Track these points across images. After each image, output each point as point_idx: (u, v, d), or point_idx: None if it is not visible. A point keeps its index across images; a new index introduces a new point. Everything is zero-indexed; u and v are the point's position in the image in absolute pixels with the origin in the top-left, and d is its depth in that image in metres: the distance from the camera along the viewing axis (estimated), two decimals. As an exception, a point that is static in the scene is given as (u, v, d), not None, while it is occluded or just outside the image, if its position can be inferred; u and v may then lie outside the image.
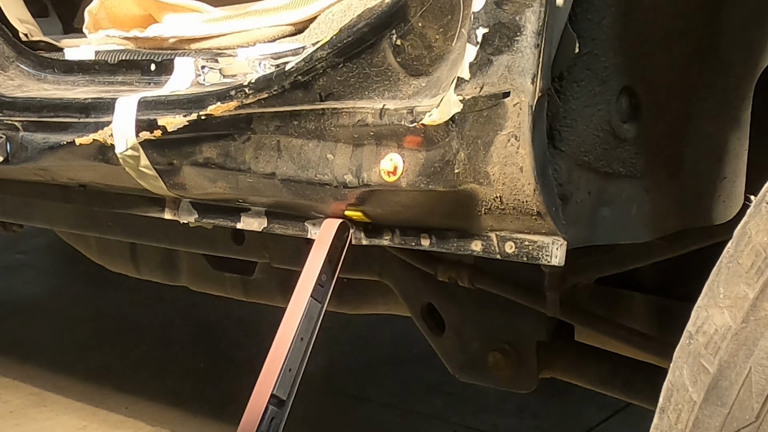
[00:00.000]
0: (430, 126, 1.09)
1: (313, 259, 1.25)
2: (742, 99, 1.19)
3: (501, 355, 1.62)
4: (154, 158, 1.38)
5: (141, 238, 1.95)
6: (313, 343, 1.22)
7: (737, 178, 1.22)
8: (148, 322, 3.29)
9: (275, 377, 1.17)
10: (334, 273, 1.26)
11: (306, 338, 1.21)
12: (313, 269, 1.24)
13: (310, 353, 1.21)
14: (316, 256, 1.25)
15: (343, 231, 1.25)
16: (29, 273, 3.85)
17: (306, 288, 1.23)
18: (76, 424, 2.49)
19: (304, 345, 1.21)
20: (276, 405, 1.17)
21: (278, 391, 1.17)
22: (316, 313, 1.23)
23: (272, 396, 1.17)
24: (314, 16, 1.46)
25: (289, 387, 1.18)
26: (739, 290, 0.91)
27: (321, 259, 1.24)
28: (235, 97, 1.27)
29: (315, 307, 1.23)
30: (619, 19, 1.08)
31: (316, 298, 1.23)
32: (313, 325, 1.23)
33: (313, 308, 1.23)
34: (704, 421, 0.92)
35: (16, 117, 1.55)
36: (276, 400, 1.17)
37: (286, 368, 1.18)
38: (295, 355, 1.19)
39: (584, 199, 1.11)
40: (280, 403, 1.18)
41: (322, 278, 1.24)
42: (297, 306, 1.22)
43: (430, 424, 2.52)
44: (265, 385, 1.18)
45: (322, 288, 1.24)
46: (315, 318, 1.23)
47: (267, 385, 1.17)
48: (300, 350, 1.20)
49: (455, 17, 1.10)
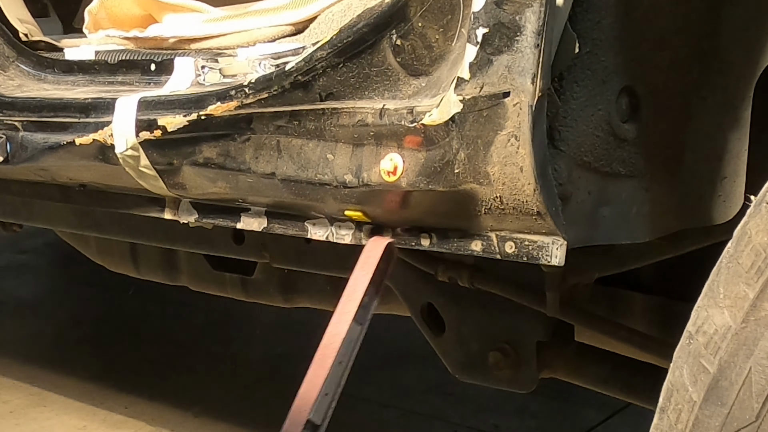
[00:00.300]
0: (430, 126, 1.09)
1: (357, 281, 1.19)
2: (742, 99, 1.19)
3: (501, 355, 1.62)
4: (154, 158, 1.38)
5: (141, 238, 1.95)
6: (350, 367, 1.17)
7: (737, 178, 1.22)
8: (148, 322, 3.29)
9: (312, 402, 1.13)
10: (376, 294, 1.20)
11: (344, 362, 1.16)
12: (357, 291, 1.18)
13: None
14: (360, 278, 1.19)
15: (389, 252, 1.20)
16: (29, 273, 3.85)
17: (348, 311, 1.17)
18: (76, 424, 2.49)
19: (342, 369, 1.16)
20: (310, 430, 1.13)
21: (314, 417, 1.13)
22: (356, 337, 1.18)
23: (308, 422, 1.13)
24: (314, 16, 1.46)
25: (324, 412, 1.14)
26: (739, 290, 0.91)
27: (366, 282, 1.18)
28: (235, 97, 1.27)
29: (355, 331, 1.17)
30: (619, 18, 1.08)
31: (358, 321, 1.17)
32: (352, 348, 1.17)
33: (354, 331, 1.17)
34: (704, 421, 0.92)
35: (16, 117, 1.55)
36: (311, 425, 1.13)
37: (323, 393, 1.14)
38: (333, 380, 1.15)
39: (584, 199, 1.11)
40: (314, 427, 1.13)
41: (364, 301, 1.18)
42: (338, 329, 1.16)
43: (430, 424, 2.52)
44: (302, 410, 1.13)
45: (364, 311, 1.18)
46: (355, 341, 1.17)
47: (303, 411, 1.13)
48: (338, 375, 1.15)
49: (455, 17, 1.10)
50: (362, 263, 1.20)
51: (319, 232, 1.32)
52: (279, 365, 2.78)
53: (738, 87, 1.19)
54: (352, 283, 1.19)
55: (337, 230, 1.30)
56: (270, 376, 2.74)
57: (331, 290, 1.88)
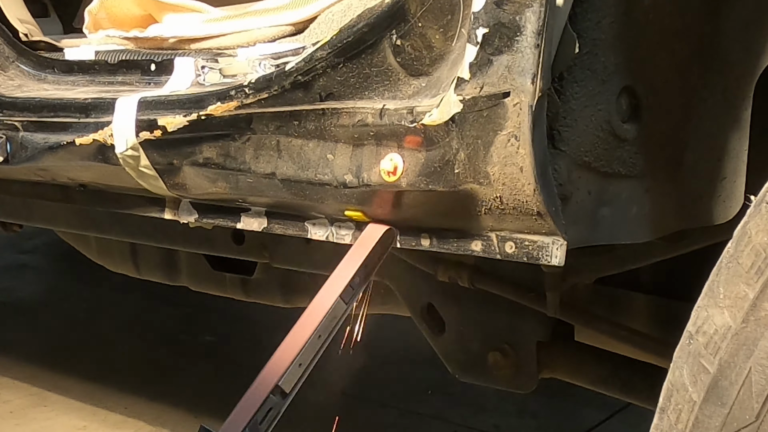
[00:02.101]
0: (430, 126, 1.09)
1: (350, 260, 1.21)
2: (742, 99, 1.19)
3: (501, 355, 1.62)
4: (154, 158, 1.38)
5: (141, 238, 1.96)
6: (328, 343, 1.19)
7: (737, 178, 1.22)
8: (148, 322, 3.29)
9: (284, 368, 1.14)
10: (367, 278, 1.22)
11: (324, 336, 1.18)
12: (348, 270, 1.20)
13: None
14: (354, 258, 1.21)
15: (387, 237, 1.22)
16: (29, 273, 3.85)
17: (336, 287, 1.19)
18: (76, 424, 2.49)
19: (320, 342, 1.17)
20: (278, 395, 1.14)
21: (283, 383, 1.14)
22: (339, 314, 1.19)
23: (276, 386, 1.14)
24: (314, 16, 1.46)
25: (295, 381, 1.15)
26: (739, 290, 0.91)
27: (358, 262, 1.20)
28: (235, 97, 1.27)
29: (340, 308, 1.19)
30: (619, 19, 1.08)
31: (344, 299, 1.19)
32: (334, 325, 1.19)
33: (338, 308, 1.19)
34: (704, 421, 0.92)
35: (16, 117, 1.54)
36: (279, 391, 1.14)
37: (297, 362, 1.15)
38: (309, 351, 1.16)
39: (584, 199, 1.11)
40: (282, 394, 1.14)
41: (354, 280, 1.20)
42: (322, 302, 1.19)
43: (430, 425, 2.52)
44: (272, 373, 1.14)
45: (351, 290, 1.20)
46: (337, 318, 1.19)
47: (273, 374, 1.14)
48: (315, 347, 1.17)
49: (455, 17, 1.10)
50: (359, 244, 1.22)
51: (319, 232, 1.32)
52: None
53: (738, 87, 1.19)
54: (345, 261, 1.21)
55: (337, 230, 1.30)
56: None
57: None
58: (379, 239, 1.21)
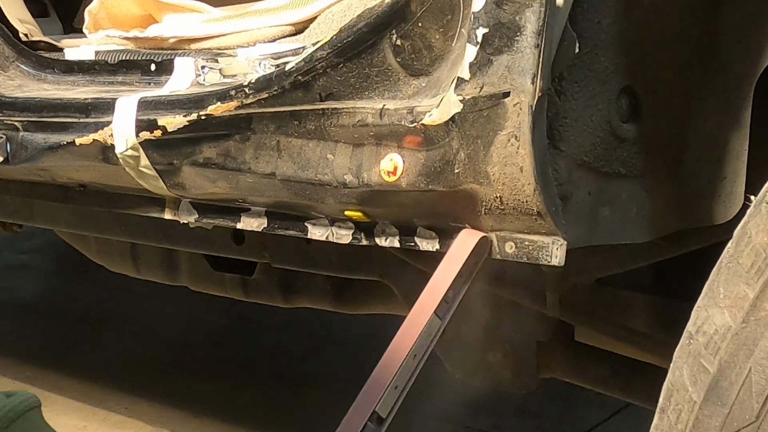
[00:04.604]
0: (430, 126, 1.09)
1: (443, 273, 1.14)
2: (742, 99, 1.19)
3: (501, 355, 1.62)
4: (154, 158, 1.38)
5: (141, 238, 1.95)
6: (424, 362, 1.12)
7: (737, 178, 1.22)
8: (148, 322, 3.29)
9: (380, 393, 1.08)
10: (462, 290, 1.15)
11: (419, 356, 1.12)
12: (442, 284, 1.13)
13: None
14: (448, 270, 1.13)
15: (482, 245, 1.14)
16: (29, 273, 3.85)
17: (430, 303, 1.12)
18: (76, 424, 2.49)
19: (416, 363, 1.12)
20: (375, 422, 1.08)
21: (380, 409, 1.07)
22: (434, 331, 1.12)
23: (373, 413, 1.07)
24: (314, 16, 1.46)
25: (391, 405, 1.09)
26: (739, 290, 0.91)
27: (452, 275, 1.13)
28: (235, 97, 1.27)
29: (435, 325, 1.12)
30: (619, 19, 1.08)
31: (439, 314, 1.12)
32: (429, 343, 1.12)
33: (433, 325, 1.12)
34: (704, 421, 0.92)
35: (16, 117, 1.55)
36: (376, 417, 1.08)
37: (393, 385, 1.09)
38: (405, 373, 1.10)
39: (584, 199, 1.11)
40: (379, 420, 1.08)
41: (449, 294, 1.13)
42: (417, 320, 1.12)
43: (430, 424, 2.51)
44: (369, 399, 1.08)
45: (446, 305, 1.13)
46: (433, 336, 1.12)
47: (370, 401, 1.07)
48: (410, 368, 1.11)
49: (455, 17, 1.10)
50: (451, 255, 1.15)
51: (319, 232, 1.32)
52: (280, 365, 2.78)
53: (738, 87, 1.19)
54: (438, 274, 1.14)
55: (337, 230, 1.30)
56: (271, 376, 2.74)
57: (331, 290, 1.88)
58: (474, 248, 1.14)
